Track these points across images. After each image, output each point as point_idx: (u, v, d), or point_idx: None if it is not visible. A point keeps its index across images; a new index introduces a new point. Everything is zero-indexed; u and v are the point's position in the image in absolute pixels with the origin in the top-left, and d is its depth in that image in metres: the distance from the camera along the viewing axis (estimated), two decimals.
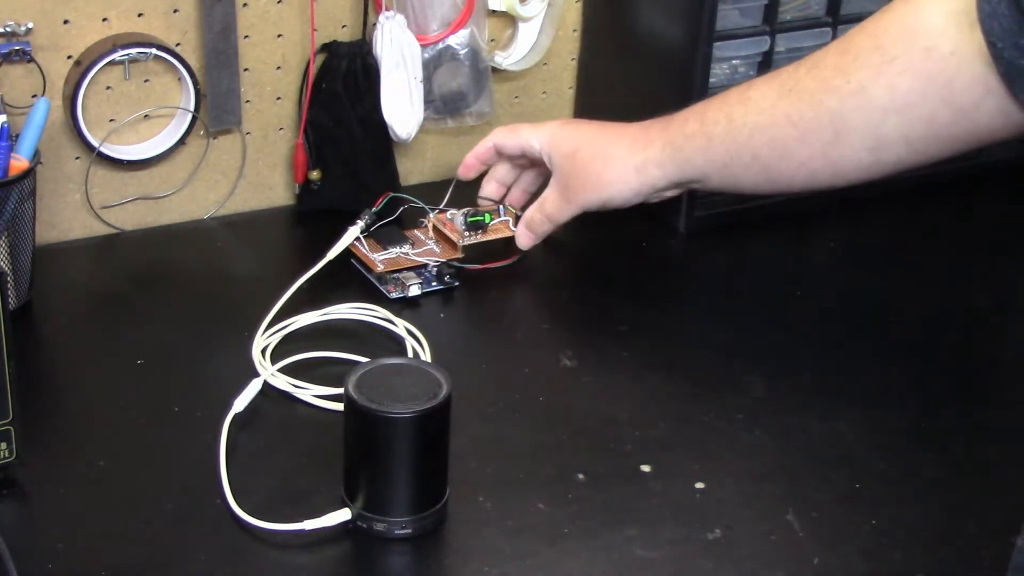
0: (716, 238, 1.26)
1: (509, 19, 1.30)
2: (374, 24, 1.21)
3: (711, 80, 1.21)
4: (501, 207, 1.21)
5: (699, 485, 0.93)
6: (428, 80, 1.23)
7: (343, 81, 1.21)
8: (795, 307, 1.16)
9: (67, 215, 1.19)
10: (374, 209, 1.18)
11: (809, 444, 0.98)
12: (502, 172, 1.22)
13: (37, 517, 0.89)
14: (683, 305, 1.19)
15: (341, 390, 0.89)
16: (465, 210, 1.20)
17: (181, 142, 1.20)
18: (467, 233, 1.18)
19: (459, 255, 1.17)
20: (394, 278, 1.13)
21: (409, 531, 0.86)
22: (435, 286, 1.14)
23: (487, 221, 1.19)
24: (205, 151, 1.23)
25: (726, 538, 0.87)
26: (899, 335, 1.12)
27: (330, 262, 1.13)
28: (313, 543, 0.86)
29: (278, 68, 1.23)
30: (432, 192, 1.32)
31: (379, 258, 1.15)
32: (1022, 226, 1.37)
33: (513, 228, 1.20)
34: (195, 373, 1.03)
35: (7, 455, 0.88)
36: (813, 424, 1.00)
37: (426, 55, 1.23)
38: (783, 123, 1.00)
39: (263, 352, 1.04)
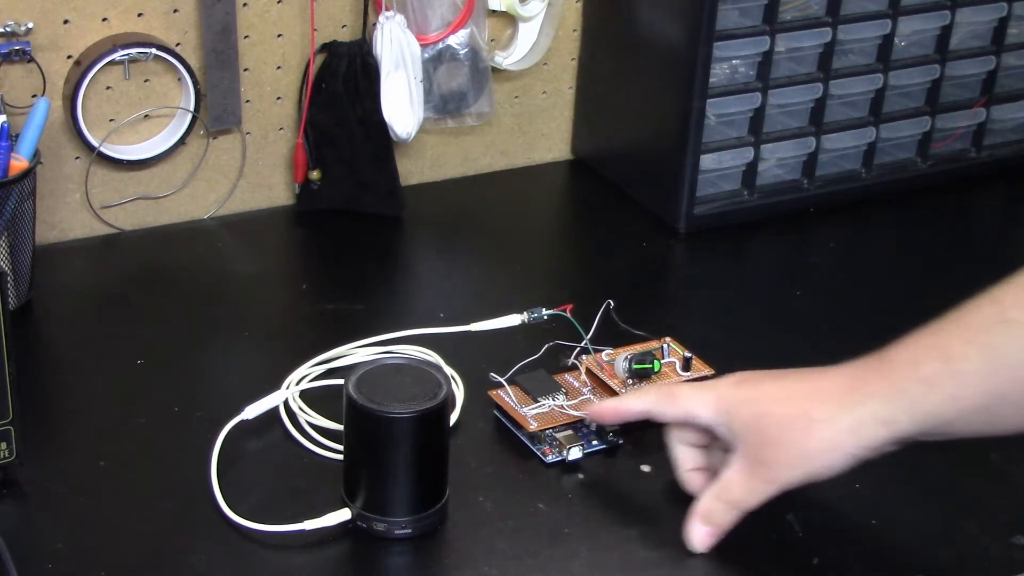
0: (716, 238, 1.25)
1: (509, 19, 1.30)
2: (374, 24, 1.21)
3: (711, 80, 1.21)
4: (665, 346, 1.03)
5: None
6: (428, 80, 1.23)
7: (343, 81, 1.21)
8: (795, 307, 1.16)
9: (67, 215, 1.19)
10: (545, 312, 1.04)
11: None
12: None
13: (37, 517, 0.88)
14: (683, 305, 1.19)
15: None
16: (627, 354, 1.01)
17: (181, 142, 1.20)
18: (631, 381, 1.00)
19: None
20: (550, 437, 0.96)
21: (409, 531, 0.86)
22: (596, 445, 0.96)
23: (656, 370, 1.00)
24: (205, 151, 1.23)
25: (726, 538, 0.87)
26: (899, 334, 1.12)
27: None
28: (313, 543, 0.86)
29: (278, 68, 1.23)
30: (433, 192, 1.32)
31: (531, 413, 0.97)
32: (1022, 226, 1.37)
33: (683, 372, 1.01)
34: (195, 373, 1.03)
35: (7, 455, 0.88)
36: None
37: (426, 55, 1.23)
38: None
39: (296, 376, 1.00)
